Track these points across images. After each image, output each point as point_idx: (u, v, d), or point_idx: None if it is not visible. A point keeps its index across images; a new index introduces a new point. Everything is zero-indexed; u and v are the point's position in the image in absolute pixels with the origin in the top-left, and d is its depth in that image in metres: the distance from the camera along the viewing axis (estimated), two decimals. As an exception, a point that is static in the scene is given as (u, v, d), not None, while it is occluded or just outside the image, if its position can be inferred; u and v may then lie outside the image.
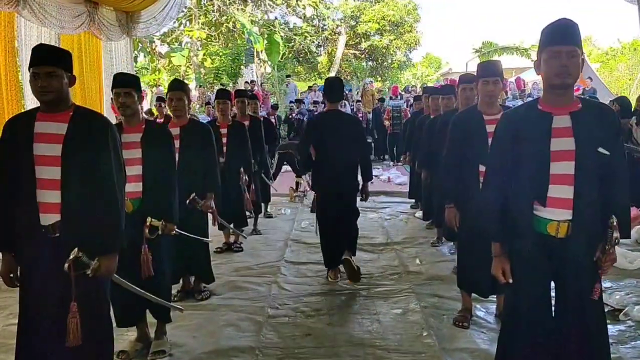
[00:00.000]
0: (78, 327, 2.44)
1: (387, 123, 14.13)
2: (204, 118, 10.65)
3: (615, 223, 2.31)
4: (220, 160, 5.10)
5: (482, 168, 3.19)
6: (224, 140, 5.46)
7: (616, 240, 2.33)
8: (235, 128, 5.61)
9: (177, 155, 3.65)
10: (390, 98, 15.29)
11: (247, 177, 5.69)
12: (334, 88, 4.96)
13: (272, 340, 3.63)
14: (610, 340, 3.40)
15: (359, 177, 4.96)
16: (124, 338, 3.54)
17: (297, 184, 9.25)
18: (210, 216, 4.53)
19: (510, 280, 2.51)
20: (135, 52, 17.47)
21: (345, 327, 3.82)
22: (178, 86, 4.23)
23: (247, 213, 6.10)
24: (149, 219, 3.20)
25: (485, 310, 4.02)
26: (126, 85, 3.28)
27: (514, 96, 14.53)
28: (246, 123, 5.99)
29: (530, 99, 10.77)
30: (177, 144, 3.83)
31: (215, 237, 5.42)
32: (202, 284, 4.50)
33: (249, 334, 3.73)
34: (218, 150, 4.79)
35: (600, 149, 2.34)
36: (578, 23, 2.38)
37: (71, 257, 2.41)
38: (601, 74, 22.83)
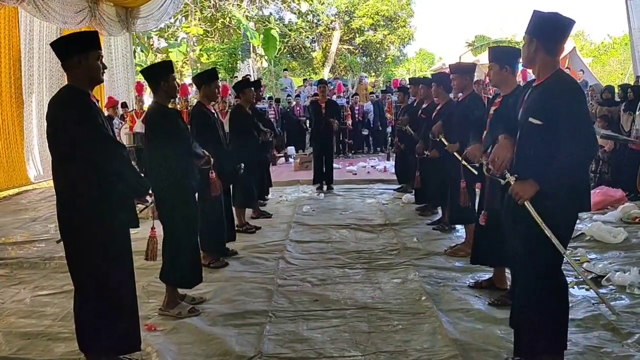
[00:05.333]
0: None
1: (388, 115, 14.39)
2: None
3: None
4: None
5: None
6: None
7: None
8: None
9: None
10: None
11: None
12: None
13: (283, 305, 3.94)
14: (593, 301, 3.78)
15: None
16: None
17: None
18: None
19: None
20: (134, 47, 17.68)
21: (349, 294, 4.12)
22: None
23: None
24: None
25: (479, 278, 4.33)
26: None
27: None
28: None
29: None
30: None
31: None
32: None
33: (262, 300, 4.04)
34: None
35: (531, 119, 2.61)
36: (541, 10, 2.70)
37: None
38: (594, 69, 23.21)
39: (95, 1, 12.22)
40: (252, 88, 6.38)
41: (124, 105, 12.02)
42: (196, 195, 3.99)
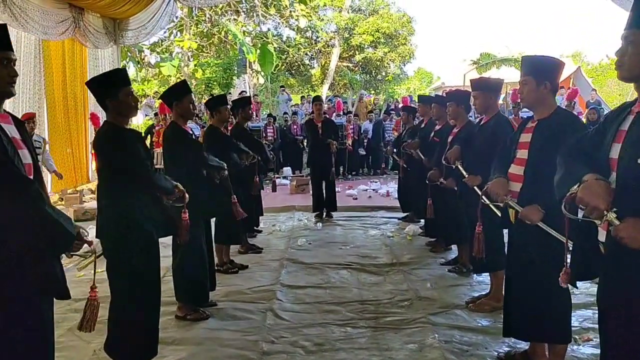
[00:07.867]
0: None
1: (395, 134, 13.63)
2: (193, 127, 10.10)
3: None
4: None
5: None
6: None
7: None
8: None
9: None
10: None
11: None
12: None
13: (268, 385, 3.07)
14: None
15: None
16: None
17: None
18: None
19: None
20: (124, 61, 16.95)
21: (353, 367, 3.26)
22: None
23: None
24: None
25: (513, 345, 3.47)
26: None
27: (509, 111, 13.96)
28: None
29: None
30: None
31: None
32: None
33: (241, 376, 3.17)
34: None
35: None
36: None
37: None
38: (593, 90, 22.63)
39: (80, 11, 11.46)
40: (227, 106, 5.36)
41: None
42: (159, 242, 3.09)
